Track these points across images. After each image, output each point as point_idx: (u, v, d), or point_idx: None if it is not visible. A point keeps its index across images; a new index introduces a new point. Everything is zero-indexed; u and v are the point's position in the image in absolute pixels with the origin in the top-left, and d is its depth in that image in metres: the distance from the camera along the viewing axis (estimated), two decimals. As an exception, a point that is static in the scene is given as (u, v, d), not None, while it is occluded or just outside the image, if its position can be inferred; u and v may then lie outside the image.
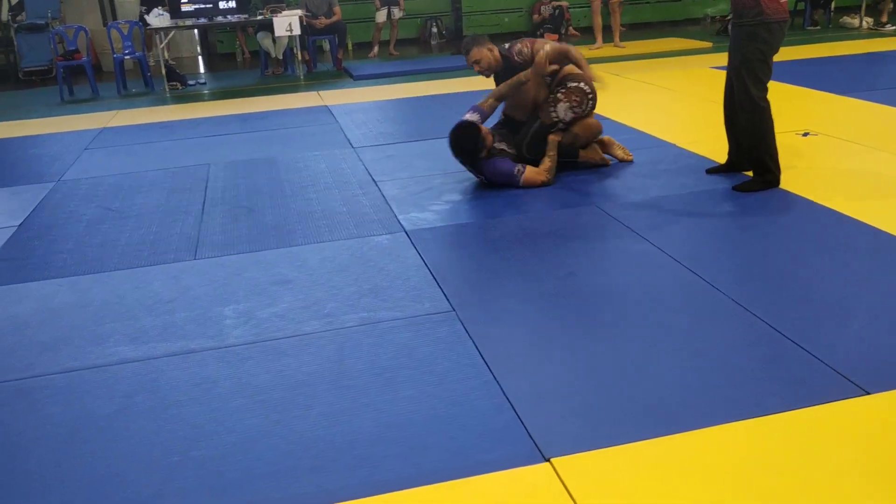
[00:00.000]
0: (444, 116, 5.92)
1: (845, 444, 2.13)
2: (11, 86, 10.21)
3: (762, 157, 4.12)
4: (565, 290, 3.16)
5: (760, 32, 3.93)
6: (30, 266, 3.81)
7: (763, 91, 4.04)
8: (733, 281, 3.12)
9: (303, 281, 3.41)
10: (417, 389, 2.50)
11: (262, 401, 2.49)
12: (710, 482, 2.01)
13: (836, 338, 2.64)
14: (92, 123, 7.27)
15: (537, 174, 4.43)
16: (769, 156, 4.11)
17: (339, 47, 10.11)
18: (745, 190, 4.14)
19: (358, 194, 4.61)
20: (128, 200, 4.79)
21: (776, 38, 3.99)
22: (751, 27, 3.94)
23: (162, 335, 2.98)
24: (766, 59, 4.00)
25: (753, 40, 3.95)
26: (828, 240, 3.49)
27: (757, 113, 4.03)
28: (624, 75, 7.95)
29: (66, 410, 2.52)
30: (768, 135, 4.08)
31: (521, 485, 2.04)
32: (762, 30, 3.92)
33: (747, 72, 4.01)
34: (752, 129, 4.08)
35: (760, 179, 4.16)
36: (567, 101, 4.50)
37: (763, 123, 4.05)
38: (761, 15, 3.91)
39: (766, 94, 4.05)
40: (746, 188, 4.16)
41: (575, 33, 12.07)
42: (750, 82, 4.01)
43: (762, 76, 4.02)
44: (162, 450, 2.28)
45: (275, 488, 2.09)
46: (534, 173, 4.43)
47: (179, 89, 9.15)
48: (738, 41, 4.04)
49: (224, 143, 6.17)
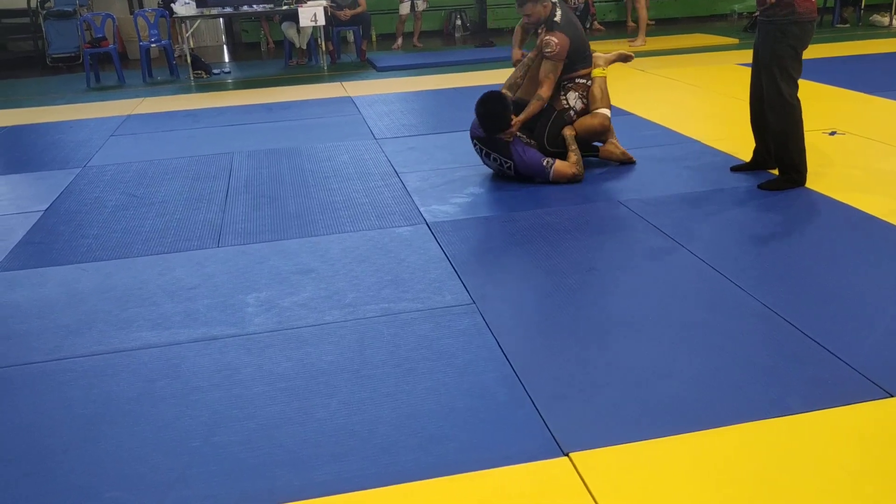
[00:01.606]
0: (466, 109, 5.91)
1: (867, 446, 2.11)
2: (39, 72, 10.33)
3: (791, 155, 4.07)
4: (586, 285, 3.15)
5: (793, 29, 3.88)
6: (55, 250, 3.86)
7: (794, 89, 3.99)
8: (756, 279, 3.09)
9: (324, 271, 3.43)
10: (437, 381, 2.51)
11: (283, 388, 2.51)
12: (729, 481, 2.00)
13: (859, 339, 2.62)
14: (118, 110, 7.34)
15: (568, 167, 4.40)
16: (798, 155, 4.07)
17: (364, 38, 10.13)
18: (772, 189, 4.10)
19: (380, 185, 4.62)
20: (152, 187, 4.83)
21: (808, 36, 3.95)
22: (783, 24, 3.89)
23: (184, 321, 3.01)
24: (798, 56, 3.95)
25: (786, 37, 3.90)
26: (853, 239, 3.45)
27: (788, 112, 3.98)
28: (650, 71, 7.90)
29: (89, 394, 2.56)
30: (798, 134, 4.03)
31: (539, 478, 2.04)
32: (795, 27, 3.87)
33: (779, 70, 3.96)
34: (783, 127, 4.02)
35: (786, 178, 4.11)
36: (575, 91, 4.61)
37: (794, 123, 4.00)
38: (794, 14, 3.86)
39: (797, 93, 4.01)
40: (772, 187, 4.11)
41: (599, 27, 11.99)
42: (782, 80, 3.96)
43: (794, 74, 3.97)
44: (183, 435, 2.31)
45: (294, 475, 2.11)
46: (564, 166, 4.40)
47: (204, 78, 9.21)
48: (768, 38, 3.98)
49: (248, 133, 6.21)
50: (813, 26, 3.96)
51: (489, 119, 4.38)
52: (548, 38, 4.49)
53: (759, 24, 4.10)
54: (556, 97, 4.60)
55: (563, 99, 4.61)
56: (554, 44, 4.45)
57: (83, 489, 2.10)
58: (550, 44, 4.46)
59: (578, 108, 4.63)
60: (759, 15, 4.05)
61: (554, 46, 4.45)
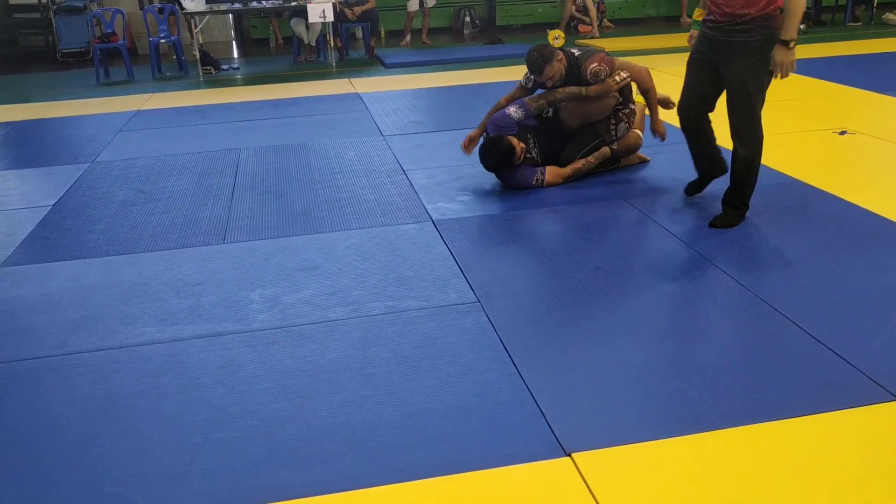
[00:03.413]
0: (474, 106, 5.91)
1: (873, 449, 2.09)
2: (49, 67, 10.36)
3: (748, 189, 3.61)
4: (592, 284, 3.14)
5: (771, 47, 3.29)
6: (63, 245, 3.88)
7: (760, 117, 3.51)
8: (763, 280, 3.07)
9: (329, 268, 3.43)
10: (440, 379, 2.50)
11: (286, 385, 2.52)
12: (733, 484, 1.99)
13: (866, 341, 2.60)
14: (127, 106, 7.36)
15: (558, 177, 4.35)
16: (753, 187, 3.62)
17: (372, 35, 10.12)
18: (727, 226, 3.61)
19: (386, 182, 4.62)
20: (159, 183, 4.84)
21: None
22: (762, 43, 3.31)
23: (189, 317, 3.02)
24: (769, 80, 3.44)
25: (765, 58, 3.32)
26: (862, 240, 3.43)
27: (759, 138, 3.50)
28: (659, 69, 7.86)
29: (95, 388, 2.56)
30: (759, 162, 3.57)
31: (540, 478, 2.04)
32: (772, 44, 3.29)
33: (757, 93, 3.43)
34: (752, 155, 3.51)
35: (738, 213, 3.66)
36: (626, 123, 4.41)
37: (761, 150, 3.54)
38: (773, 31, 3.29)
39: None
40: (727, 223, 3.62)
41: (609, 25, 11.95)
42: (757, 104, 3.45)
43: (762, 101, 3.48)
44: (187, 430, 2.31)
45: (296, 472, 2.11)
46: (555, 176, 4.34)
47: (213, 74, 9.22)
48: (743, 58, 3.37)
49: (255, 129, 6.21)
50: None
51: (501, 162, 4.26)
52: (593, 69, 4.21)
53: (717, 37, 3.42)
54: (606, 125, 4.38)
55: (612, 129, 4.39)
56: (600, 67, 4.21)
57: (86, 484, 2.11)
58: (599, 73, 4.21)
59: (621, 135, 4.44)
60: (722, 24, 3.38)
61: (603, 66, 4.21)
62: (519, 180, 4.32)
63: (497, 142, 4.22)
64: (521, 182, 4.33)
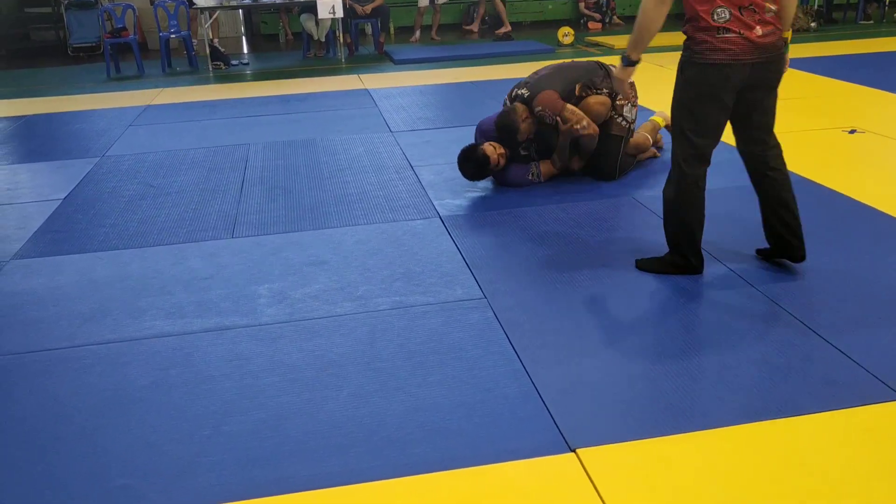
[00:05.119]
0: (483, 103, 5.91)
1: (878, 447, 2.09)
2: (60, 61, 10.41)
3: (667, 234, 3.13)
4: (598, 281, 3.14)
5: (684, 68, 2.90)
6: (72, 239, 3.90)
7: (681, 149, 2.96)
8: (769, 278, 3.07)
9: (337, 263, 3.44)
10: (446, 375, 2.51)
11: (294, 379, 2.53)
12: (737, 481, 1.99)
13: (872, 340, 2.59)
14: (137, 101, 7.39)
15: (553, 168, 4.32)
16: (672, 237, 3.12)
17: (382, 31, 10.12)
18: (651, 269, 3.15)
19: (394, 178, 4.63)
20: (168, 178, 4.86)
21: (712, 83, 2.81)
22: (681, 61, 2.92)
23: (197, 311, 3.04)
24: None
25: (681, 74, 2.93)
26: (870, 239, 3.42)
27: (673, 183, 3.04)
28: (668, 66, 7.84)
29: (103, 380, 2.59)
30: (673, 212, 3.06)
31: (545, 474, 2.05)
32: (686, 67, 2.88)
33: (677, 117, 2.99)
34: (664, 200, 3.09)
35: (661, 260, 3.16)
36: (627, 102, 4.28)
37: (673, 201, 3.03)
38: (688, 49, 2.87)
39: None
40: (651, 268, 3.16)
41: (619, 22, 11.92)
42: (678, 134, 3.00)
43: (689, 129, 2.93)
44: (194, 423, 2.33)
45: (302, 466, 2.12)
46: (550, 168, 4.32)
47: (222, 69, 9.24)
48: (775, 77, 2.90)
49: (264, 124, 6.23)
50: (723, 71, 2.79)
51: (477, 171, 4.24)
52: (538, 112, 4.13)
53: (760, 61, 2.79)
54: (611, 124, 4.24)
55: (621, 122, 4.25)
56: (544, 112, 4.12)
57: (94, 476, 2.13)
58: (544, 117, 4.14)
59: (634, 117, 4.34)
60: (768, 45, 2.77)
61: (546, 112, 4.12)
62: (513, 180, 4.33)
63: (471, 152, 4.23)
64: (516, 181, 4.33)
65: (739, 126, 3.02)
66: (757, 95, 2.89)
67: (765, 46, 2.77)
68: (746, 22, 2.73)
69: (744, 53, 2.75)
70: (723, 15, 2.73)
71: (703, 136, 2.90)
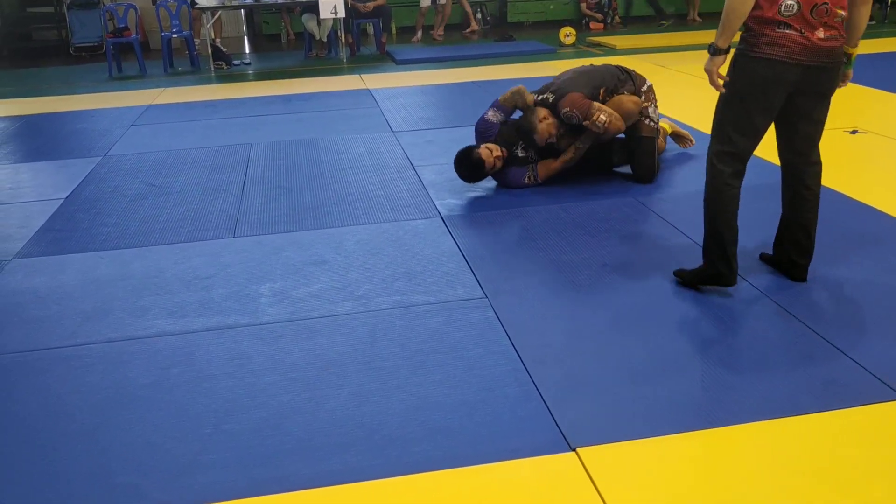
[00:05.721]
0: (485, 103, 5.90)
1: (879, 447, 2.09)
2: (63, 61, 10.43)
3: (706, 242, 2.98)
4: (599, 281, 3.15)
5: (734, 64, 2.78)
6: (74, 238, 3.91)
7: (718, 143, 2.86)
8: (770, 278, 3.07)
9: (338, 262, 3.45)
10: (447, 374, 2.52)
11: (295, 378, 2.54)
12: (738, 480, 2.00)
13: (873, 340, 2.60)
14: (139, 100, 7.40)
15: (551, 171, 4.30)
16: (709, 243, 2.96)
17: (383, 31, 10.12)
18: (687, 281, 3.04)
19: (395, 178, 4.63)
20: (170, 177, 4.87)
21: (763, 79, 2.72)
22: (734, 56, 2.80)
23: (199, 310, 3.04)
24: None
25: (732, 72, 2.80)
26: (871, 240, 3.42)
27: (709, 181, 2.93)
28: (670, 67, 7.84)
29: (105, 379, 2.59)
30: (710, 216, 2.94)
31: (545, 473, 2.05)
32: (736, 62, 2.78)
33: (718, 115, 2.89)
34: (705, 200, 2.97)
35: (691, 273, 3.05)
36: (650, 104, 4.31)
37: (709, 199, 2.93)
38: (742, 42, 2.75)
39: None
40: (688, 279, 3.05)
41: (619, 22, 11.91)
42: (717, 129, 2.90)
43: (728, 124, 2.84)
44: (195, 422, 2.34)
45: (303, 464, 2.13)
46: (548, 170, 4.30)
47: (224, 69, 9.26)
48: (832, 79, 2.81)
49: (266, 124, 6.24)
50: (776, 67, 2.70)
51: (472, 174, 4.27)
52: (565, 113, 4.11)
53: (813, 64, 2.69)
54: (640, 126, 4.22)
55: (647, 121, 4.24)
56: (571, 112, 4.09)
57: (95, 474, 2.14)
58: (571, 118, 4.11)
59: (657, 118, 4.35)
60: (829, 49, 2.68)
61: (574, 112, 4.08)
62: (510, 182, 4.32)
63: (467, 155, 4.23)
64: (513, 183, 4.32)
65: (783, 133, 2.94)
66: (807, 103, 2.81)
67: (823, 50, 2.67)
68: (811, 21, 2.62)
69: (800, 54, 2.65)
70: (791, 8, 2.62)
71: (742, 134, 2.80)
